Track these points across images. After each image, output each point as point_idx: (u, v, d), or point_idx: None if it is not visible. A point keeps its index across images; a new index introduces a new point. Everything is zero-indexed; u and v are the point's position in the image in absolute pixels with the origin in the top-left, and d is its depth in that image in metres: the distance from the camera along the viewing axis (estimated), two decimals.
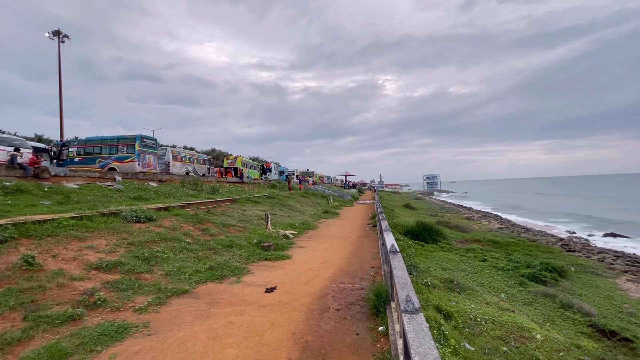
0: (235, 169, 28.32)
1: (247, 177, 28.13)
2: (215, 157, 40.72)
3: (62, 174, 12.43)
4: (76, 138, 24.98)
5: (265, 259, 7.44)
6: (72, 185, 11.49)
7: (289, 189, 27.17)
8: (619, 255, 16.02)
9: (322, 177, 59.12)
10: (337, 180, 70.53)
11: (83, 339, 3.54)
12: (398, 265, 3.64)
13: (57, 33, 25.52)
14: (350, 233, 12.10)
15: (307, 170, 51.16)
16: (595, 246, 18.69)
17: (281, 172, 40.63)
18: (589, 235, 22.46)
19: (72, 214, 7.03)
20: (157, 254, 6.32)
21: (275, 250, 8.19)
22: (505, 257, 12.46)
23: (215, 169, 28.59)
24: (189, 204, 11.05)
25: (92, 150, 17.34)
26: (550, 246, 16.92)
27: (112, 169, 16.30)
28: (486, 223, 28.10)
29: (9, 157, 11.15)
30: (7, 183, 9.40)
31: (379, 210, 11.01)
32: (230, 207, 13.03)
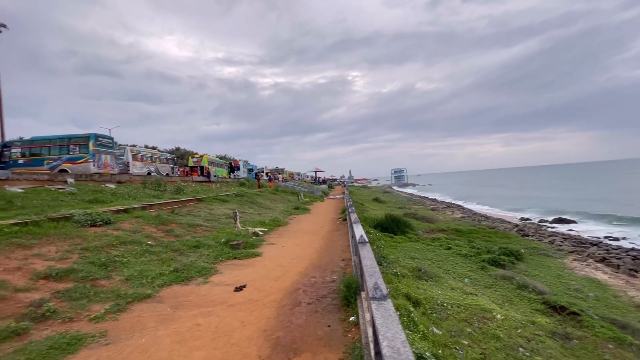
0: (202, 168, 27.34)
1: (215, 176, 27.29)
2: (180, 157, 39.06)
3: (3, 177, 11.28)
4: (20, 138, 22.72)
5: (235, 258, 7.24)
6: (15, 189, 10.47)
7: (259, 187, 26.73)
8: (566, 237, 17.55)
9: (292, 174, 58.82)
10: (307, 176, 70.58)
11: (29, 354, 3.22)
12: (367, 255, 3.68)
13: None
14: (321, 228, 12.13)
15: (277, 167, 50.67)
16: (546, 230, 20.31)
17: (250, 170, 39.88)
18: (540, 221, 24.34)
19: (15, 220, 6.38)
20: (116, 258, 5.91)
21: (244, 248, 8.00)
22: (468, 244, 13.15)
23: (180, 168, 27.42)
24: (151, 204, 10.48)
25: (40, 151, 15.91)
26: (507, 232, 18.14)
27: (64, 170, 15.06)
28: (450, 213, 29.52)
29: None
30: None
31: (348, 204, 11.13)
32: (197, 206, 12.55)
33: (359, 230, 5.21)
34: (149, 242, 7.16)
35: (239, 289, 5.29)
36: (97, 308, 4.34)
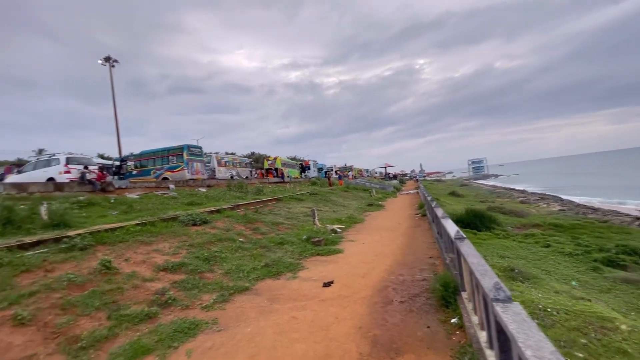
0: (276, 169, 28.95)
1: (288, 177, 28.63)
2: (256, 160, 42.00)
3: (124, 187, 13.55)
4: (131, 153, 27.18)
5: (318, 254, 7.41)
6: (133, 195, 12.45)
7: (330, 185, 27.17)
8: None
9: (360, 170, 58.46)
10: (376, 172, 69.35)
11: (160, 335, 3.73)
12: (470, 252, 3.35)
13: (107, 59, 27.88)
14: (399, 224, 11.71)
15: (346, 165, 50.84)
16: None
17: (320, 169, 40.82)
18: None
19: (137, 221, 7.56)
20: (216, 254, 6.56)
21: (325, 245, 8.15)
22: (572, 241, 11.24)
23: (257, 171, 29.46)
24: (238, 205, 11.42)
25: (147, 162, 18.71)
26: (626, 226, 15.01)
27: (165, 178, 17.43)
28: (544, 206, 25.72)
29: (79, 175, 12.37)
30: (81, 197, 10.42)
31: (428, 199, 10.51)
32: (276, 205, 13.28)
33: (451, 226, 4.82)
34: (241, 240, 7.79)
35: (327, 284, 5.37)
36: (207, 298, 4.84)
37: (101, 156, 35.60)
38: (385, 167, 64.21)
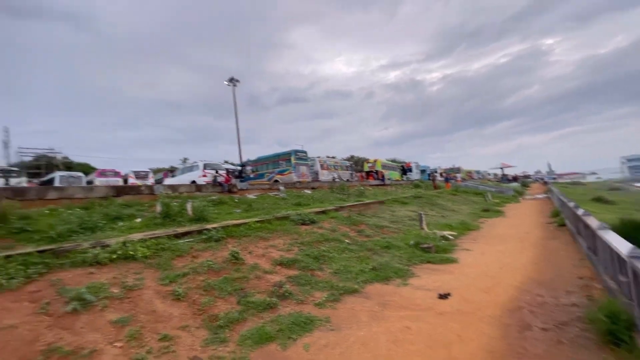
0: (376, 172, 28.64)
1: (389, 179, 27.94)
2: (355, 163, 42.57)
3: (244, 188, 15.53)
4: (248, 159, 31.13)
5: (428, 262, 6.87)
6: (251, 196, 14.13)
7: (435, 188, 25.27)
8: None
9: (470, 172, 52.57)
10: (488, 174, 61.32)
11: (280, 325, 4.00)
12: None
13: (231, 80, 32.75)
14: (527, 233, 9.91)
15: (453, 166, 46.52)
16: None
17: (423, 171, 38.50)
18: None
19: (256, 219, 8.49)
20: (324, 253, 6.77)
21: (436, 252, 7.49)
22: None
23: (357, 174, 29.73)
24: (342, 207, 11.66)
25: (262, 167, 21.07)
26: None
27: (276, 180, 19.26)
28: None
29: (213, 178, 14.79)
30: (213, 197, 12.39)
31: (570, 205, 8.57)
32: (379, 208, 13.03)
33: (619, 240, 3.73)
34: (346, 241, 7.87)
35: (443, 296, 4.87)
36: (318, 295, 5.00)
37: (226, 162, 42.08)
38: (502, 168, 56.04)
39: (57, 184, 17.33)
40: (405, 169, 36.06)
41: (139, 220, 8.70)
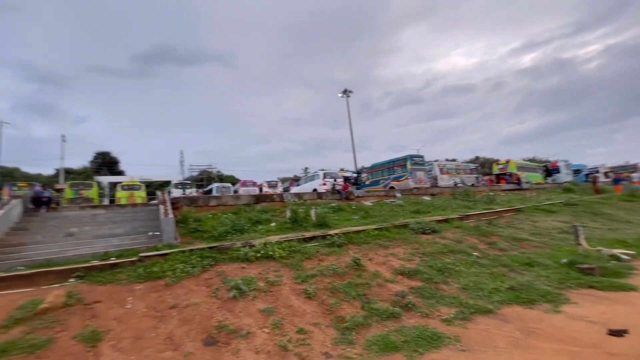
0: (510, 174, 24.72)
1: (527, 182, 23.68)
2: (481, 165, 37.83)
3: (361, 195, 15.96)
4: (362, 167, 31.79)
5: (590, 286, 5.50)
6: (368, 203, 14.40)
7: (596, 192, 19.96)
8: None
9: None
10: None
11: (405, 337, 3.95)
12: None
13: (344, 91, 34.40)
14: None
15: (627, 163, 35.60)
16: None
17: (576, 171, 30.97)
18: None
19: (374, 226, 8.62)
20: (449, 265, 6.31)
21: (602, 275, 5.93)
22: None
23: (484, 177, 26.36)
24: (467, 215, 10.59)
25: (377, 174, 21.20)
26: None
27: (392, 187, 19.01)
28: None
29: (332, 186, 15.81)
30: (333, 204, 13.21)
31: None
32: (515, 217, 11.21)
33: None
34: (475, 254, 7.11)
35: (616, 333, 3.83)
36: (445, 311, 4.70)
37: (341, 170, 44.14)
38: None
39: (214, 193, 21.89)
40: (549, 170, 29.83)
41: (273, 224, 10.11)
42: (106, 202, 24.60)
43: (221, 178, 48.91)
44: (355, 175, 23.38)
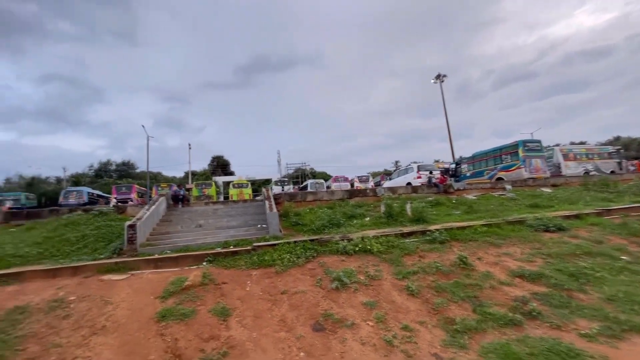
0: None
1: None
2: (625, 147, 30.11)
3: (461, 188, 14.59)
4: (460, 157, 28.94)
5: None
6: (470, 197, 13.06)
7: None
8: None
9: None
10: None
11: (531, 349, 3.44)
12: None
13: (438, 76, 31.87)
14: None
15: None
16: None
17: None
18: None
19: (482, 222, 7.76)
20: (585, 270, 5.22)
21: None
22: None
23: (633, 162, 20.90)
24: (608, 210, 8.57)
25: (480, 164, 19.04)
26: None
27: (500, 178, 16.79)
28: None
29: (427, 179, 14.91)
30: (429, 198, 12.45)
31: None
32: None
33: None
34: (623, 257, 5.70)
35: None
36: (584, 324, 3.91)
37: (436, 161, 41.09)
38: None
39: (309, 189, 23.18)
40: None
41: (367, 219, 10.12)
42: (221, 198, 28.71)
43: (314, 175, 51.55)
44: (453, 166, 21.46)
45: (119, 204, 16.18)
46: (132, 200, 20.88)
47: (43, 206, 25.69)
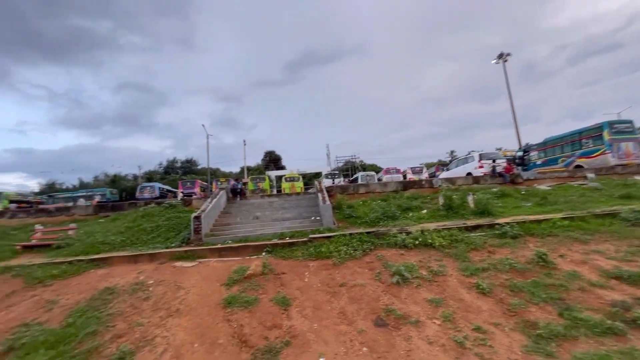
0: None
1: None
2: None
3: (532, 178, 13.14)
4: (527, 143, 26.04)
5: None
6: (543, 187, 11.68)
7: None
8: None
9: None
10: None
11: None
12: None
13: (500, 56, 28.95)
14: None
15: None
16: None
17: None
18: None
19: (562, 215, 6.86)
20: None
21: None
22: None
23: None
24: None
25: (553, 150, 16.97)
26: None
27: (579, 166, 14.78)
28: None
29: (491, 168, 13.69)
30: (494, 189, 11.40)
31: None
32: None
33: None
34: None
35: None
36: None
37: (498, 149, 37.57)
38: None
39: (360, 181, 22.86)
40: None
41: (424, 211, 9.60)
42: (274, 192, 29.77)
43: (364, 167, 50.84)
44: (520, 154, 19.44)
45: (185, 197, 17.63)
46: (196, 194, 22.65)
47: (124, 200, 29.16)
